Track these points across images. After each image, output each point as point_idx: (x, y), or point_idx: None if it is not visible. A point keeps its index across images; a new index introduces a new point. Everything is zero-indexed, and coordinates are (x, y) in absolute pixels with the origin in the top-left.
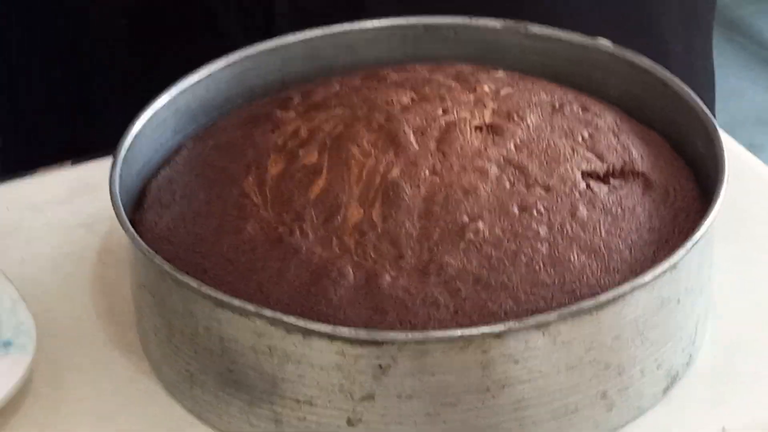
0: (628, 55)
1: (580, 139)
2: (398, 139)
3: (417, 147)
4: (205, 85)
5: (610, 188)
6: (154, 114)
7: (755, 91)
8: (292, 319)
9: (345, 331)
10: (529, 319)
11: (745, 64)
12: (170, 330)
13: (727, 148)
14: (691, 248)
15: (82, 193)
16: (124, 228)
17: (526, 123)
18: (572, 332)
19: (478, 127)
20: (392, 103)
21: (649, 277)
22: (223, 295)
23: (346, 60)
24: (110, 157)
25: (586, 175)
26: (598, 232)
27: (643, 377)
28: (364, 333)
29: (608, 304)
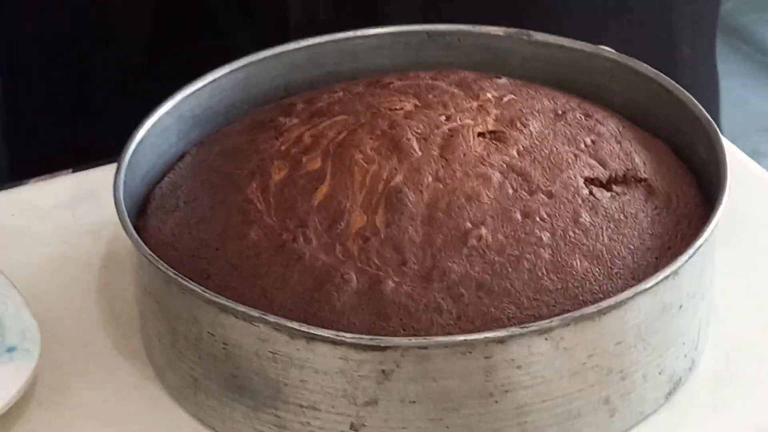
0: (631, 63)
1: (583, 146)
2: (401, 145)
3: (420, 153)
4: (209, 91)
5: (613, 195)
6: (158, 120)
7: (759, 99)
8: (296, 325)
9: (348, 336)
10: (532, 324)
11: (748, 72)
12: (174, 335)
13: (730, 155)
14: (693, 254)
15: (86, 200)
16: (128, 234)
17: (529, 130)
18: (575, 338)
19: (481, 134)
20: (395, 109)
21: (652, 283)
22: (227, 301)
23: (349, 67)
24: (114, 163)
25: (589, 181)
26: (601, 238)
27: (645, 382)
28: (367, 338)
29: (611, 309)
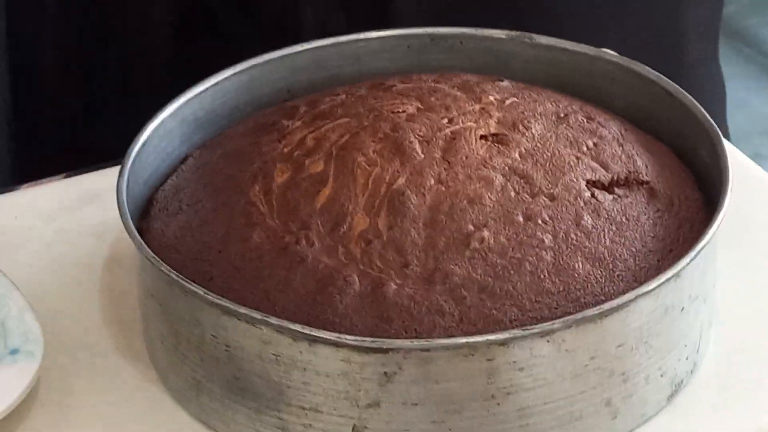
0: (633, 66)
1: (585, 149)
2: (404, 148)
3: (422, 156)
4: (212, 94)
5: (615, 197)
6: (161, 123)
7: (761, 102)
8: (299, 327)
9: (351, 338)
10: (534, 327)
11: (751, 75)
12: (177, 338)
13: (732, 158)
14: (695, 257)
15: (89, 202)
16: (131, 236)
17: (531, 132)
18: (577, 340)
19: (483, 137)
20: (398, 112)
21: (653, 286)
22: (229, 303)
23: (352, 70)
24: (117, 165)
25: (591, 184)
26: (603, 241)
27: (647, 384)
28: (369, 341)
29: (612, 312)
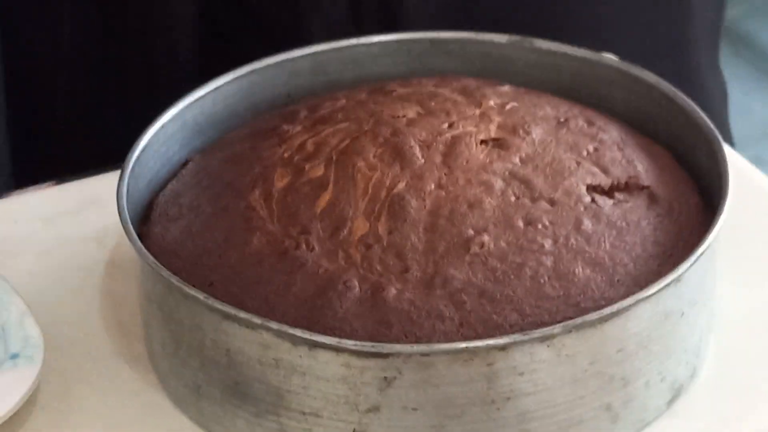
0: (632, 70)
1: (585, 153)
2: (404, 152)
3: (423, 161)
4: (212, 98)
5: (615, 202)
6: (162, 128)
7: (762, 106)
8: (298, 332)
9: (350, 343)
10: (534, 331)
11: (751, 79)
12: (177, 342)
13: (731, 162)
14: (694, 262)
15: (90, 207)
16: (132, 241)
17: (532, 137)
18: (577, 345)
19: (483, 141)
20: (398, 117)
21: (653, 290)
22: (229, 308)
23: (352, 74)
24: (118, 170)
25: (591, 188)
26: (603, 246)
27: (647, 389)
28: (369, 345)
29: (612, 317)
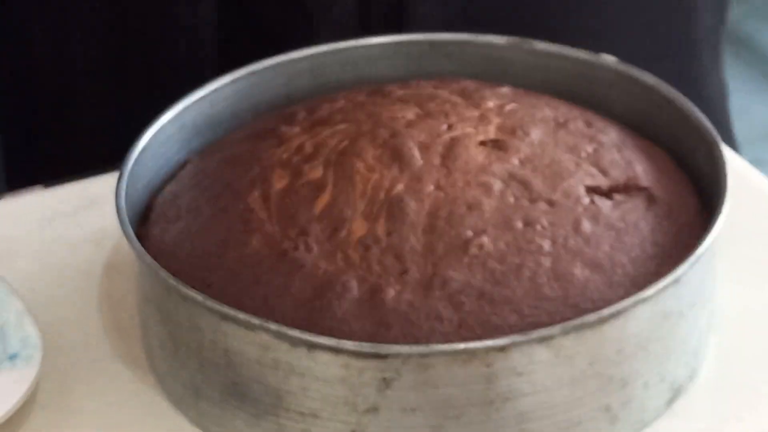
0: (631, 72)
1: (584, 155)
2: (403, 154)
3: (421, 162)
4: (211, 100)
5: (614, 203)
6: (160, 129)
7: (761, 107)
8: (297, 333)
9: (349, 344)
10: (533, 333)
11: (750, 80)
12: (176, 343)
13: (731, 164)
14: (694, 263)
15: (88, 208)
16: (130, 242)
17: (531, 138)
18: (575, 346)
19: (482, 143)
20: (397, 118)
21: (652, 291)
22: (228, 309)
23: (351, 76)
24: (116, 171)
25: (590, 190)
26: (602, 247)
27: (646, 390)
28: (368, 346)
29: (611, 318)
